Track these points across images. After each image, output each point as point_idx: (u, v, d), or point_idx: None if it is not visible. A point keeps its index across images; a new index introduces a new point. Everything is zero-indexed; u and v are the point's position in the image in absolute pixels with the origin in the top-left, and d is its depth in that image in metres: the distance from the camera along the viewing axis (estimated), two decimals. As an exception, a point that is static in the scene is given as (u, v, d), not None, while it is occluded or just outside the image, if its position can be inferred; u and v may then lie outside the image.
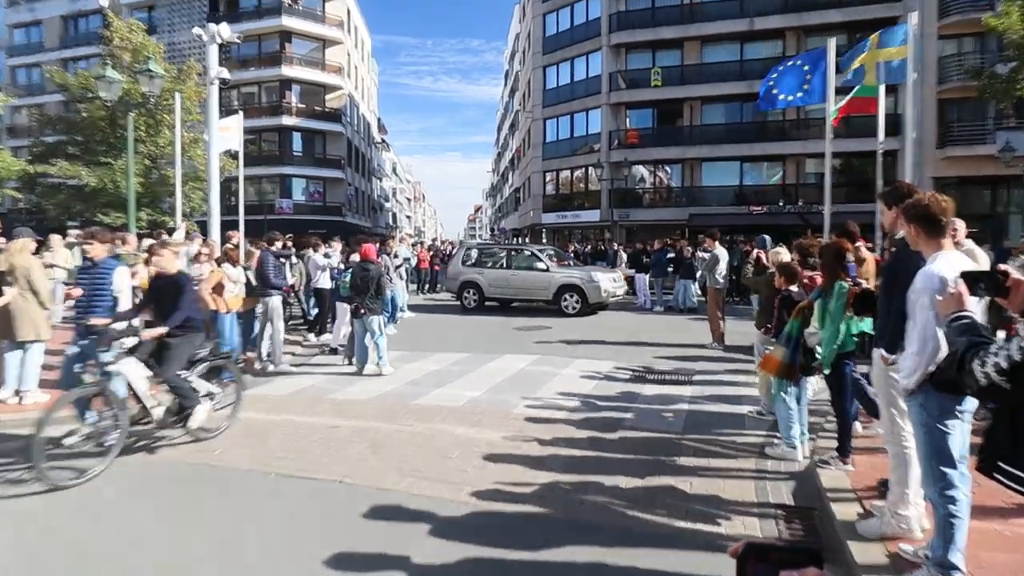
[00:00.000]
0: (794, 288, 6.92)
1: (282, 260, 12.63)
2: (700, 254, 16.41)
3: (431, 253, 28.72)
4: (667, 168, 41.20)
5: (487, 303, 20.75)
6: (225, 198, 42.67)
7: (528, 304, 20.37)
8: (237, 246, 12.48)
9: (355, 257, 12.07)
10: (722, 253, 14.22)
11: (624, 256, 25.73)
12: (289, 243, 14.48)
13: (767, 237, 12.62)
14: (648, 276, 22.50)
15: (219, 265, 10.80)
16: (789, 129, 37.05)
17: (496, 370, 11.41)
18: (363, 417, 8.38)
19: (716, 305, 13.96)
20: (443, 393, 9.75)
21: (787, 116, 37.00)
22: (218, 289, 10.42)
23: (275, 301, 11.46)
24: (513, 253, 21.21)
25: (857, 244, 8.40)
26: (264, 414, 8.63)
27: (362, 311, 11.13)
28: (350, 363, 11.76)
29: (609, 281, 19.42)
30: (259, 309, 11.49)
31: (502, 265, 20.71)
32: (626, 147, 39.97)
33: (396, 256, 17.09)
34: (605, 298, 19.20)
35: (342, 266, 13.49)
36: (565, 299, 19.21)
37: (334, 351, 12.79)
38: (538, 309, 20.24)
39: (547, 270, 19.74)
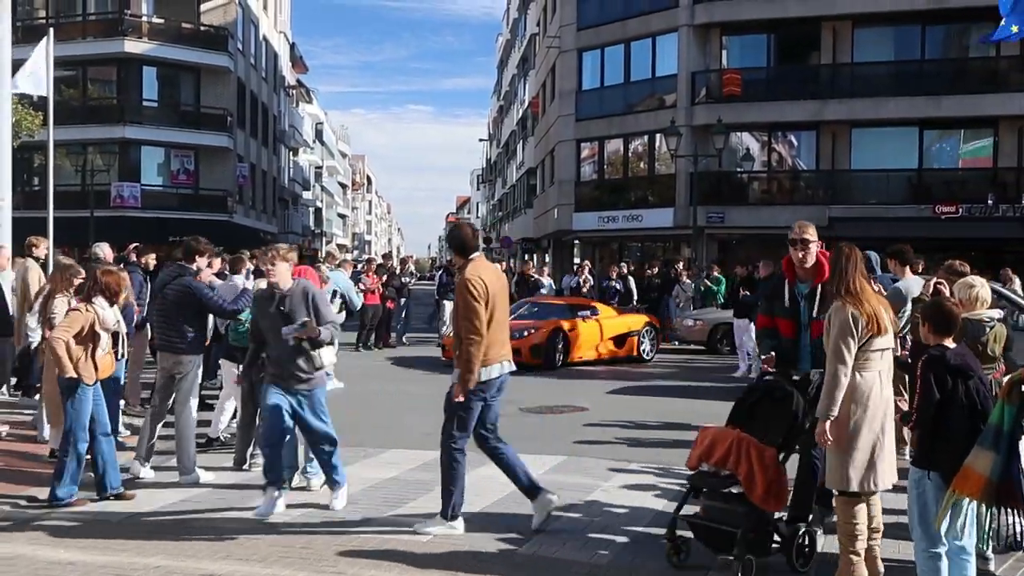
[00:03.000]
0: (950, 344, 4.53)
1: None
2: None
3: (383, 279, 18.19)
4: (791, 137, 27.88)
5: None
6: (22, 179, 31.22)
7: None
8: (45, 260, 8.21)
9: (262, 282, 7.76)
10: (911, 283, 7.58)
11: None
12: (217, 260, 9.35)
13: (875, 255, 7.87)
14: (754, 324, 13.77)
15: (87, 300, 6.61)
16: (1007, 72, 24.28)
17: (491, 480, 7.18)
18: (259, 560, 5.29)
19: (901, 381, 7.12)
20: (399, 520, 6.06)
21: (1002, 51, 23.88)
22: (88, 341, 6.33)
23: (196, 361, 7.30)
24: None
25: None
26: (88, 552, 5.35)
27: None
28: (241, 468, 7.49)
29: None
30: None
31: None
32: (721, 101, 26.18)
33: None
34: None
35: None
36: None
37: (211, 443, 8.23)
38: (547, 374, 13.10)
39: None
